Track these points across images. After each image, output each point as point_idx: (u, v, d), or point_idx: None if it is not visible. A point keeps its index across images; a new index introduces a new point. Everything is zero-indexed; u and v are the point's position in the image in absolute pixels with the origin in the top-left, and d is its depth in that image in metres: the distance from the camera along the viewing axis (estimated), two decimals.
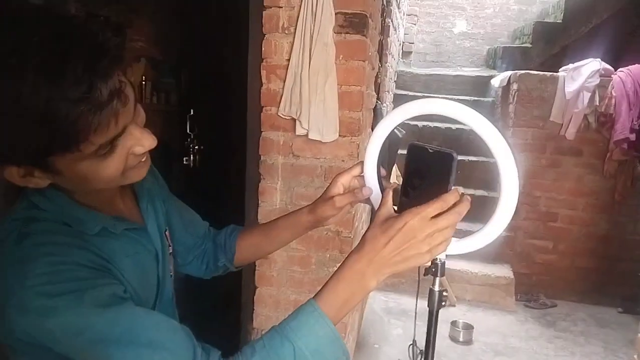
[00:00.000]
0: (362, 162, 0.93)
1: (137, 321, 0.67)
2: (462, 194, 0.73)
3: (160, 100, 6.27)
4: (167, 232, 0.94)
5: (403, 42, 6.28)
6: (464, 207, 0.71)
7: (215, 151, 3.03)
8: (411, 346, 1.06)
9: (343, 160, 2.11)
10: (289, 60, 2.05)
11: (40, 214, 0.71)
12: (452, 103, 0.82)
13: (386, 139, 0.93)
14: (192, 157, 3.09)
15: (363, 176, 0.93)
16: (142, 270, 0.81)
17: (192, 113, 3.11)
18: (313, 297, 0.74)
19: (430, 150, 0.75)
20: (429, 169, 0.75)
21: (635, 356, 2.21)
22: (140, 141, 0.69)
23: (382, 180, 0.93)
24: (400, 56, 6.16)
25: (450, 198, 0.70)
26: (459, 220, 0.71)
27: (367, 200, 0.93)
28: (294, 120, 2.08)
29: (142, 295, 0.79)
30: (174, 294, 0.94)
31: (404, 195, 0.78)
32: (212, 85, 3.18)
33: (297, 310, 0.73)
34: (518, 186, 0.79)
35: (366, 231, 0.74)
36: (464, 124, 0.81)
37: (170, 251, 0.95)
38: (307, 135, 2.05)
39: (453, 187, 0.73)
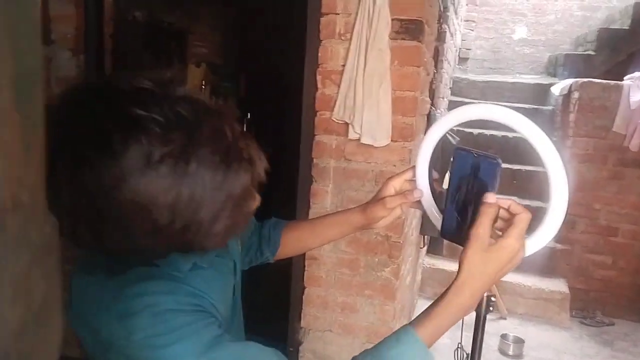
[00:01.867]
0: (414, 167, 0.95)
1: (237, 358, 0.69)
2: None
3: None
4: None
5: (460, 48, 6.19)
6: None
7: (271, 154, 3.09)
8: (457, 350, 1.07)
9: (394, 165, 2.12)
10: (344, 65, 2.09)
11: None
12: (502, 108, 0.83)
13: (439, 145, 0.95)
14: None
15: (414, 180, 0.95)
16: (225, 288, 0.83)
17: (249, 117, 3.20)
18: (411, 324, 0.74)
19: (476, 155, 0.76)
20: (474, 173, 0.77)
21: None
22: (256, 201, 0.74)
23: (434, 183, 0.95)
24: (457, 62, 6.07)
25: (519, 207, 0.75)
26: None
27: (418, 204, 0.95)
28: (347, 124, 2.11)
29: (224, 312, 0.80)
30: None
31: (450, 198, 0.80)
32: (269, 90, 3.26)
33: (395, 338, 0.73)
34: (567, 193, 0.79)
35: (465, 258, 0.73)
36: (520, 133, 0.81)
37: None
38: (359, 139, 2.08)
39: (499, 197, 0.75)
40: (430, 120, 3.18)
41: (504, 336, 3.35)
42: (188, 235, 0.64)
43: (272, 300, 2.72)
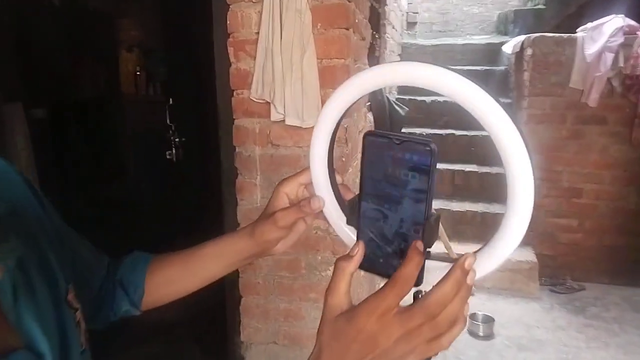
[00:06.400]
0: (308, 168, 0.65)
1: None
2: (466, 257, 0.46)
3: (156, 90, 6.04)
4: (70, 290, 0.64)
5: (407, 13, 5.90)
6: (457, 278, 0.46)
7: (195, 143, 2.76)
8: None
9: None
10: (258, 33, 1.74)
11: None
12: (427, 67, 0.52)
13: (388, 117, 0.64)
14: (174, 151, 2.81)
15: (312, 184, 0.64)
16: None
17: (170, 102, 2.82)
18: None
19: (397, 142, 0.48)
20: (395, 169, 0.48)
21: None
22: None
23: (340, 188, 0.64)
24: (405, 27, 5.79)
25: (408, 271, 0.45)
26: (451, 304, 0.45)
27: (320, 215, 0.64)
28: (269, 104, 1.78)
29: None
30: None
31: (363, 208, 0.51)
32: (186, 71, 2.89)
33: None
34: (532, 181, 0.50)
35: (319, 327, 0.51)
36: (460, 102, 0.52)
37: (78, 316, 0.65)
38: (284, 120, 1.75)
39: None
40: (375, 91, 2.88)
41: (472, 316, 3.14)
42: None
43: (207, 313, 2.40)
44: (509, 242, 0.51)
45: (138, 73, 6.18)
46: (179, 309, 2.56)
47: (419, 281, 0.47)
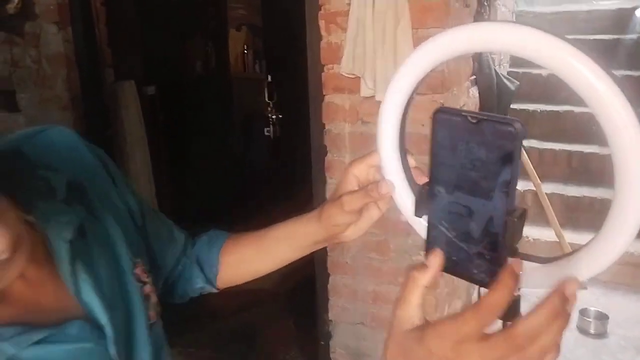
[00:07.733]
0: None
1: None
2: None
3: (262, 68, 6.18)
4: (138, 265, 0.66)
5: None
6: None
7: (292, 120, 2.76)
8: None
9: (423, 125, 1.69)
10: (350, 4, 1.67)
11: None
12: (517, 28, 0.43)
13: (495, 92, 0.57)
14: (272, 128, 2.85)
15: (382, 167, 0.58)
16: None
17: (269, 80, 2.85)
18: None
19: (473, 121, 0.41)
20: (469, 154, 0.42)
21: None
22: None
23: (413, 172, 0.57)
24: None
25: (498, 297, 0.38)
26: (544, 335, 0.38)
27: (392, 201, 0.58)
28: (360, 78, 1.70)
29: None
30: (163, 345, 0.69)
31: (433, 200, 0.45)
32: (284, 47, 2.90)
33: None
34: None
35: (386, 341, 0.45)
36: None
37: (147, 290, 0.67)
38: (375, 96, 1.67)
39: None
40: (482, 64, 2.68)
41: (583, 311, 2.87)
42: None
43: (302, 286, 2.43)
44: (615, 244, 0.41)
45: (245, 52, 6.36)
46: (278, 280, 2.63)
47: (511, 315, 0.40)
